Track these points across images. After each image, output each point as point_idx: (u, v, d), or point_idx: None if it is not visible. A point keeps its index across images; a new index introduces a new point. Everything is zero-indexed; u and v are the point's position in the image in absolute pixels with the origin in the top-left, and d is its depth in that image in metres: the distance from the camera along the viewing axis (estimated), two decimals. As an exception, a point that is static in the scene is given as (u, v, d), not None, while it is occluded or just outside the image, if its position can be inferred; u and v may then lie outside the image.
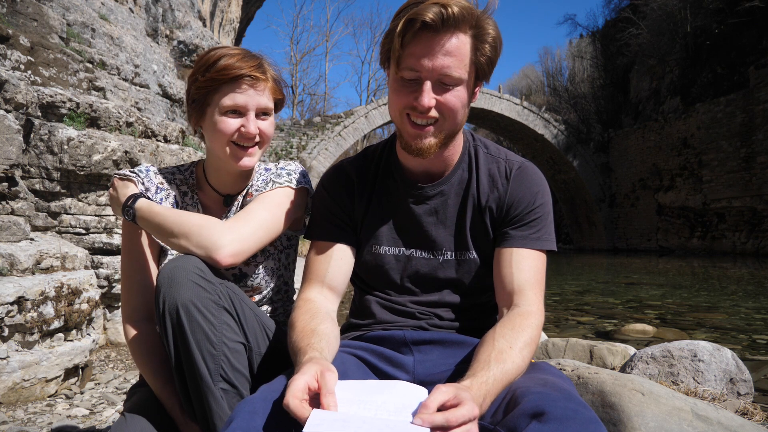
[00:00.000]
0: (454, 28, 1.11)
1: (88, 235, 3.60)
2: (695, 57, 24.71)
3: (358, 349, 1.24)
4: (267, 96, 1.39)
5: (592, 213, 30.24)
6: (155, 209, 1.32)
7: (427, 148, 1.19)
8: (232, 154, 1.37)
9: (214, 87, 1.34)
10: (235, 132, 1.36)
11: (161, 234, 1.30)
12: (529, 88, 51.28)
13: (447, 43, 1.12)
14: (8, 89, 3.05)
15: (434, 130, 1.18)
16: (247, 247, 1.27)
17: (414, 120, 1.17)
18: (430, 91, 1.14)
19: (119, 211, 1.40)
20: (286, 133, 26.77)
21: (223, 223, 1.28)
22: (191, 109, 1.41)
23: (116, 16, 7.04)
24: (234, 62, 1.33)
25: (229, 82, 1.33)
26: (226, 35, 21.65)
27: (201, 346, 1.11)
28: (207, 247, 1.22)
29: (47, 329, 2.55)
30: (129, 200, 1.36)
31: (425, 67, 1.12)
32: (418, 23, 1.09)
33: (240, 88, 1.34)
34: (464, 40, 1.13)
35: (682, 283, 10.40)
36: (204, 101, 1.37)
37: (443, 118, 1.17)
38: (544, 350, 2.98)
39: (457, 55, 1.13)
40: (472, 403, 0.84)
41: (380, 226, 1.33)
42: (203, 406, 1.14)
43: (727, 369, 2.35)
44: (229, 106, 1.34)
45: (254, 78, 1.35)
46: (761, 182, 19.73)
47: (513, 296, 1.19)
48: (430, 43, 1.11)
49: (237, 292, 1.25)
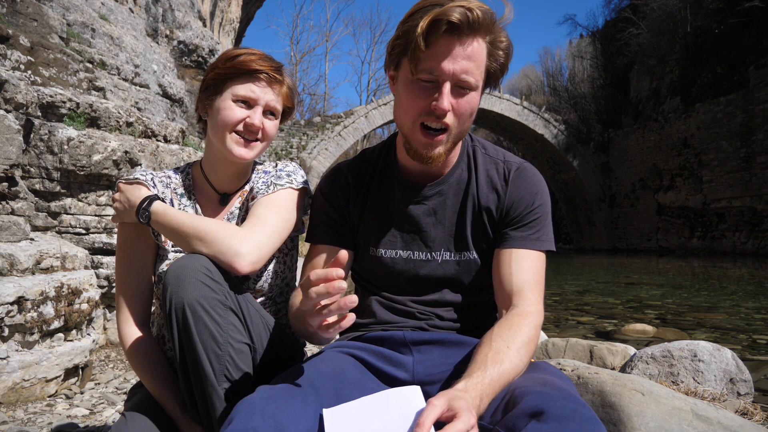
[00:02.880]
0: (476, 33, 1.11)
1: (88, 235, 3.60)
2: (695, 57, 24.70)
3: (356, 350, 1.24)
4: (279, 98, 1.42)
5: (592, 213, 30.24)
6: (171, 212, 1.32)
7: (437, 156, 1.19)
8: (231, 143, 1.38)
9: (232, 75, 1.38)
10: (240, 121, 1.37)
11: (177, 238, 1.30)
12: (529, 88, 51.25)
13: (469, 47, 1.11)
14: (8, 89, 3.06)
15: (445, 137, 1.18)
16: (265, 254, 1.28)
17: (429, 125, 1.16)
18: (449, 94, 1.12)
19: (129, 216, 1.39)
20: (286, 133, 26.76)
21: (240, 230, 1.28)
22: (203, 95, 1.44)
23: (116, 16, 7.04)
24: (256, 59, 1.38)
25: (248, 74, 1.37)
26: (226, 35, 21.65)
27: (206, 346, 1.11)
28: (227, 255, 1.22)
29: (47, 329, 2.55)
30: (144, 202, 1.36)
31: (446, 70, 1.11)
32: (443, 24, 1.08)
33: (258, 82, 1.38)
34: (482, 45, 1.13)
35: (682, 283, 10.40)
36: (218, 87, 1.39)
37: (455, 123, 1.16)
38: (544, 350, 2.98)
39: (476, 60, 1.12)
40: (467, 412, 0.84)
41: (379, 227, 1.33)
42: (207, 405, 1.14)
43: (727, 369, 2.35)
44: (242, 95, 1.37)
45: (272, 78, 1.39)
46: (761, 182, 19.72)
47: (512, 297, 1.19)
48: (453, 46, 1.10)
49: (243, 292, 1.26)
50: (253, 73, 1.37)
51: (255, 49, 1.42)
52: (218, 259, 1.22)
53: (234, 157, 1.39)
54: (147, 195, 1.38)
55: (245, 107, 1.38)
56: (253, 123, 1.37)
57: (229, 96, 1.37)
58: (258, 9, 28.76)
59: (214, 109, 1.40)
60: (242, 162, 1.43)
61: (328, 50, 61.06)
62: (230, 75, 1.38)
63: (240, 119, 1.37)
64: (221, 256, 1.22)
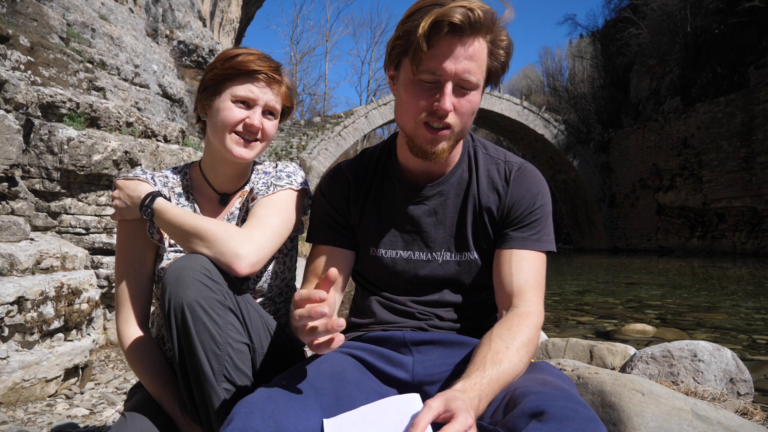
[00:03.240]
0: (477, 32, 1.11)
1: (88, 235, 3.60)
2: (695, 57, 24.70)
3: (356, 350, 1.24)
4: (278, 98, 1.42)
5: (592, 213, 30.23)
6: (173, 210, 1.32)
7: (441, 152, 1.19)
8: (231, 142, 1.38)
9: (231, 76, 1.38)
10: (239, 122, 1.38)
11: (178, 236, 1.30)
12: (529, 88, 51.27)
13: (470, 47, 1.11)
14: (8, 89, 3.06)
15: (449, 134, 1.18)
16: (264, 256, 1.28)
17: (431, 125, 1.16)
18: (451, 94, 1.13)
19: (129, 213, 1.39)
20: (286, 133, 26.76)
21: (241, 231, 1.28)
22: (201, 96, 1.43)
23: (116, 16, 7.04)
24: (255, 59, 1.38)
25: (246, 74, 1.37)
26: (226, 35, 21.65)
27: (205, 346, 1.11)
28: (226, 256, 1.22)
29: (47, 329, 2.55)
30: (147, 198, 1.36)
31: (448, 70, 1.11)
32: (445, 25, 1.08)
33: (256, 82, 1.38)
34: (483, 45, 1.14)
35: (682, 283, 10.40)
36: (217, 88, 1.39)
37: (458, 122, 1.17)
38: (544, 350, 2.98)
39: (477, 59, 1.13)
40: (465, 413, 0.84)
41: (379, 227, 1.33)
42: (206, 405, 1.14)
43: (727, 369, 2.35)
44: (242, 96, 1.37)
45: (271, 78, 1.39)
46: (761, 182, 19.72)
47: (512, 297, 1.19)
48: (455, 47, 1.10)
49: (242, 292, 1.26)
50: (252, 73, 1.37)
51: (253, 49, 1.42)
52: (218, 260, 1.21)
53: (234, 157, 1.39)
54: (150, 191, 1.38)
55: (244, 107, 1.38)
56: (252, 123, 1.37)
57: (228, 97, 1.37)
58: (258, 9, 28.76)
59: (213, 110, 1.40)
60: (242, 162, 1.43)
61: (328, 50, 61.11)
62: (229, 76, 1.38)
63: (239, 120, 1.37)
64: (221, 257, 1.22)
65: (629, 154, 27.82)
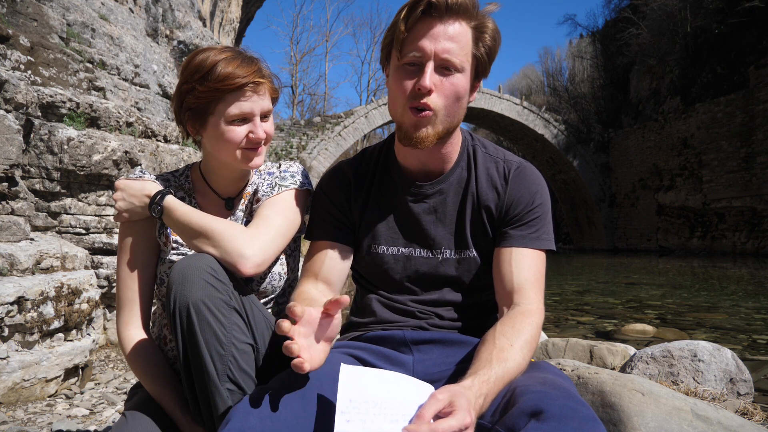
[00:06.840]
0: (457, 15, 1.14)
1: (88, 235, 3.60)
2: (695, 57, 24.70)
3: (356, 349, 1.24)
4: (267, 98, 1.40)
5: (592, 213, 30.22)
6: (183, 208, 1.32)
7: (425, 137, 1.19)
8: (243, 158, 1.38)
9: (217, 97, 1.32)
10: (243, 139, 1.36)
11: (186, 234, 1.30)
12: (529, 88, 51.26)
13: (450, 27, 1.14)
14: (8, 89, 3.06)
15: (431, 116, 1.17)
16: (269, 256, 1.28)
17: (416, 108, 1.17)
18: (432, 73, 1.14)
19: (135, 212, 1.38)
20: (286, 133, 26.76)
21: (247, 231, 1.28)
22: (187, 117, 1.38)
23: (116, 16, 7.04)
24: (234, 70, 1.31)
25: (233, 92, 1.32)
26: (226, 35, 21.65)
27: (210, 346, 1.11)
28: (232, 256, 1.22)
29: (47, 329, 2.55)
30: (157, 196, 1.35)
31: (427, 49, 1.13)
32: (422, 5, 1.11)
33: (245, 96, 1.33)
34: (466, 29, 1.16)
35: (682, 283, 10.40)
36: (205, 110, 1.35)
37: (441, 104, 1.17)
38: (544, 350, 2.98)
39: (459, 41, 1.14)
40: (465, 412, 0.84)
41: (379, 225, 1.33)
42: (209, 405, 1.14)
43: (727, 369, 2.35)
44: (236, 115, 1.33)
45: (256, 84, 1.34)
46: (761, 182, 19.72)
47: (513, 295, 1.20)
48: (433, 26, 1.13)
49: (247, 293, 1.26)
50: (240, 88, 1.32)
51: (221, 50, 1.36)
52: (223, 260, 1.21)
53: (248, 167, 1.40)
54: (159, 189, 1.37)
55: (243, 123, 1.36)
56: (257, 136, 1.36)
57: (223, 120, 1.34)
58: (258, 9, 28.75)
59: (210, 133, 1.37)
60: (255, 168, 1.44)
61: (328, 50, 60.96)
62: (215, 97, 1.32)
63: (243, 137, 1.35)
64: (227, 257, 1.22)
65: (629, 154, 27.81)
